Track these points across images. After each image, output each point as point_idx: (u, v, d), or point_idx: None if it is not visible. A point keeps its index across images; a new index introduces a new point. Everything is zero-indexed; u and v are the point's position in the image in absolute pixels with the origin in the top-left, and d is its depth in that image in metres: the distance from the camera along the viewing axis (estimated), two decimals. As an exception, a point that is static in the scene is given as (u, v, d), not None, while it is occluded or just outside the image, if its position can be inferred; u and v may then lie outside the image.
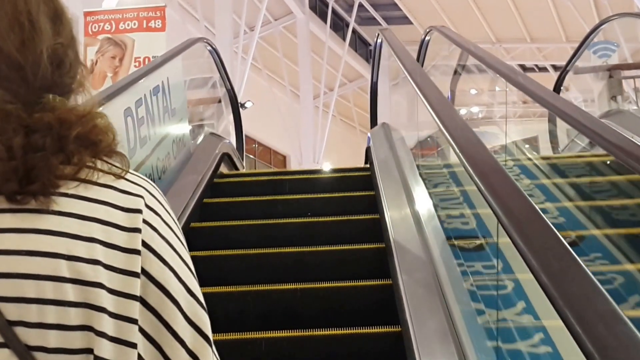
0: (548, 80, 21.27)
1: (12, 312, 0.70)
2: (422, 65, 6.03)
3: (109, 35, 7.51)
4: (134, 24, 7.51)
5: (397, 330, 2.66)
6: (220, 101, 7.31)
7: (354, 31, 20.70)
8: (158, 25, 7.53)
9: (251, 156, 19.60)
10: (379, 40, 6.35)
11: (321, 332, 2.76)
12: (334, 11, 19.47)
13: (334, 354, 2.75)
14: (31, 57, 0.76)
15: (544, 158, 5.14)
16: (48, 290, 0.71)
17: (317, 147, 18.12)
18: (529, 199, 1.62)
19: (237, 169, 6.22)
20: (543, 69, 21.82)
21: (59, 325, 0.71)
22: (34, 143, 0.73)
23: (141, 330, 0.74)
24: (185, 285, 0.78)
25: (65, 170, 0.75)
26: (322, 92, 19.09)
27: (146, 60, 7.27)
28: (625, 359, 0.98)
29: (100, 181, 0.77)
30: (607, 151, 2.40)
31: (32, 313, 0.71)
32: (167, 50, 6.68)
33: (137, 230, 0.76)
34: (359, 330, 2.75)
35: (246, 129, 18.13)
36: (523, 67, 20.98)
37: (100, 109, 0.82)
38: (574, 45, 20.17)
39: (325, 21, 19.06)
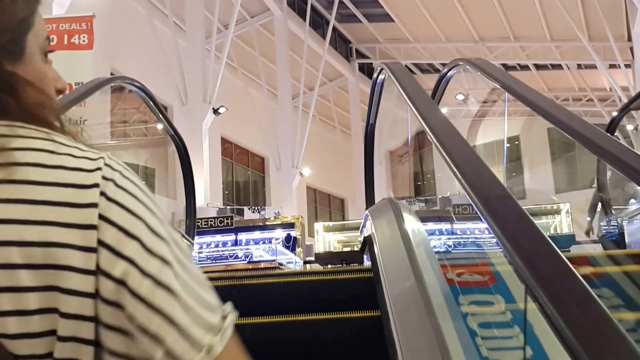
0: (530, 79, 19.64)
1: None
2: (438, 104, 4.15)
3: (21, 55, 5.69)
4: (52, 40, 5.70)
5: None
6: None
7: (334, 29, 18.96)
8: (84, 41, 5.68)
9: (228, 159, 17.83)
10: (381, 77, 4.37)
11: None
12: (313, 8, 17.77)
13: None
14: None
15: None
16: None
17: (297, 148, 16.62)
18: (503, 185, 1.48)
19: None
20: (525, 67, 20.17)
21: (18, 312, 0.64)
22: None
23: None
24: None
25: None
26: (301, 92, 17.44)
27: (67, 88, 5.48)
28: (596, 336, 0.92)
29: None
30: None
31: None
32: (94, 76, 5.07)
33: (96, 185, 0.68)
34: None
35: (222, 131, 16.55)
36: (505, 66, 19.30)
37: None
38: (558, 45, 18.64)
39: (304, 18, 17.40)
